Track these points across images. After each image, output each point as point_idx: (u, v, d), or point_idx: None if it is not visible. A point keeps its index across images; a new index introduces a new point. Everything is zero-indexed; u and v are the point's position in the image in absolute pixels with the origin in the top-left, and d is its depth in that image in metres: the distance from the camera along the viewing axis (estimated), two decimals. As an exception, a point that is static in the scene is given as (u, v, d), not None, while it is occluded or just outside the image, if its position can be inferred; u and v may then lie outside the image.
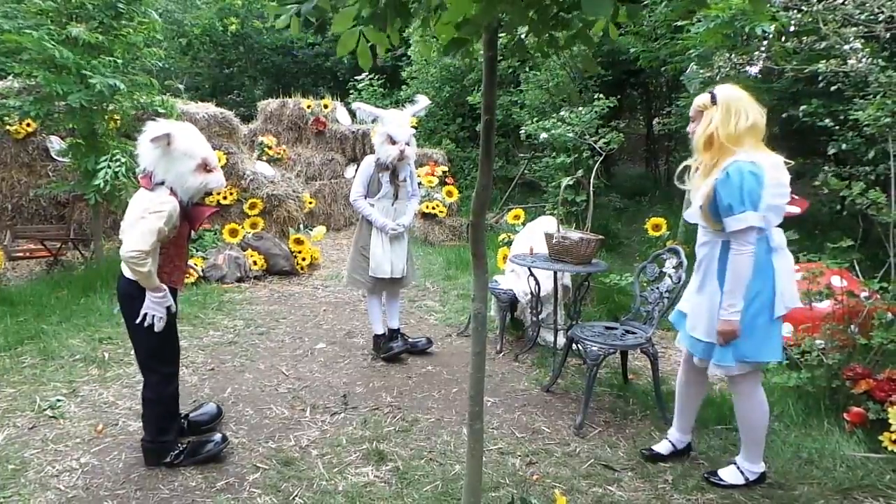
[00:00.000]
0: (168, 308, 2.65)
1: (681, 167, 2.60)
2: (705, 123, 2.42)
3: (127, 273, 2.62)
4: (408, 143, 3.90)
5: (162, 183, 2.58)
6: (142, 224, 2.49)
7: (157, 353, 2.72)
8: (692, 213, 2.54)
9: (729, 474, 2.65)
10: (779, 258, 2.45)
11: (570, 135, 6.02)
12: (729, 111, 2.37)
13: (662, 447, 2.87)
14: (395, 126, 3.86)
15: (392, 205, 4.02)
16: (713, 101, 2.42)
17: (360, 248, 4.06)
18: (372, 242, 3.99)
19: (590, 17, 1.41)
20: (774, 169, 2.38)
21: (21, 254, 6.08)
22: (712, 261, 2.51)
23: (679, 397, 2.87)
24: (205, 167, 2.63)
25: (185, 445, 2.77)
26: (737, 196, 2.30)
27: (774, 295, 2.42)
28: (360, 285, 4.14)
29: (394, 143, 3.85)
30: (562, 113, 6.40)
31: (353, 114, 10.77)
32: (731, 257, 2.38)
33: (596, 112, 6.10)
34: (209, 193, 2.76)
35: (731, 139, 2.36)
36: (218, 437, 2.84)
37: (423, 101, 4.19)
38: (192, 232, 2.91)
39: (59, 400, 3.34)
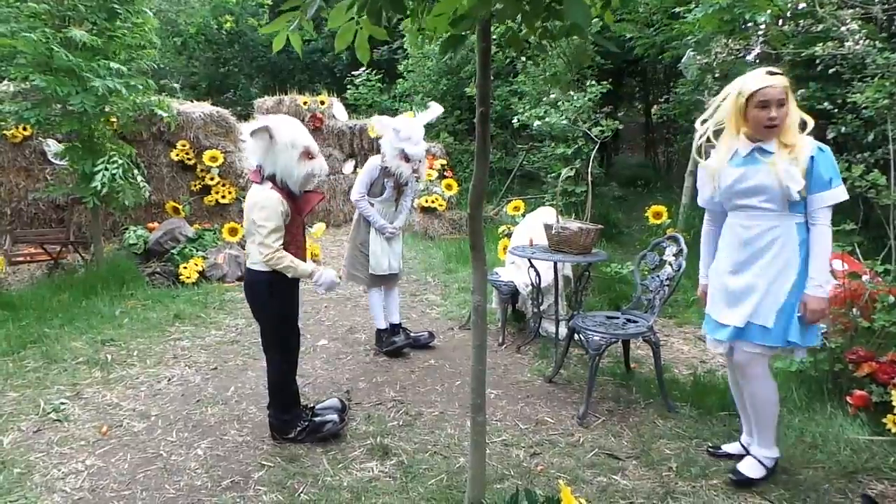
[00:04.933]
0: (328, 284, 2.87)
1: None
2: (794, 102, 2.44)
3: (252, 265, 2.82)
4: (420, 161, 3.89)
5: (272, 176, 2.72)
6: (259, 232, 2.69)
7: (280, 340, 2.90)
8: (777, 195, 2.39)
9: (749, 468, 2.59)
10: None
11: (564, 122, 5.99)
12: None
13: (733, 448, 2.78)
14: (411, 144, 3.78)
15: (394, 209, 4.07)
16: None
17: (358, 245, 4.07)
18: (371, 241, 4.01)
19: (573, 19, 1.41)
20: None
21: (21, 258, 6.09)
22: (786, 245, 2.41)
23: (736, 400, 2.78)
24: (307, 155, 2.75)
25: (306, 423, 2.91)
26: (835, 171, 2.38)
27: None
28: (360, 281, 4.15)
29: (408, 160, 3.83)
30: (552, 96, 6.34)
31: (350, 107, 10.76)
32: (818, 232, 2.38)
33: (590, 99, 6.06)
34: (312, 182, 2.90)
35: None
36: (335, 416, 2.98)
37: (435, 110, 4.05)
38: (304, 221, 3.01)
39: (62, 403, 3.35)
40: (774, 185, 2.38)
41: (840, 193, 2.37)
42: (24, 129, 6.68)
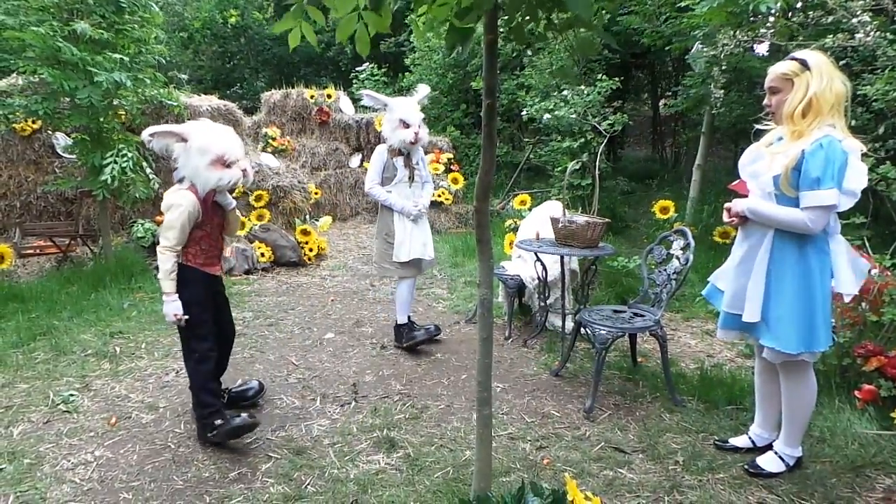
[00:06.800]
0: (192, 306, 2.82)
1: (771, 135, 2.46)
2: (802, 89, 2.28)
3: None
4: (419, 126, 3.92)
5: (182, 179, 2.77)
6: (164, 224, 2.74)
7: (192, 334, 2.86)
8: (759, 183, 2.39)
9: (769, 462, 2.59)
10: (834, 241, 2.37)
11: (573, 116, 5.97)
12: (824, 75, 2.27)
13: (740, 441, 2.77)
14: (406, 110, 3.88)
15: (409, 188, 4.02)
16: (805, 66, 2.29)
17: (384, 237, 4.04)
18: (395, 228, 3.97)
19: (573, 10, 1.41)
20: (857, 154, 2.28)
21: (31, 251, 6.12)
22: (763, 239, 2.39)
23: (756, 391, 2.76)
24: (222, 162, 2.72)
25: (220, 422, 2.83)
26: (827, 170, 2.19)
27: (832, 277, 2.34)
28: (392, 273, 4.11)
29: (407, 126, 3.87)
30: (564, 93, 6.34)
31: (356, 101, 10.74)
32: (801, 216, 2.25)
33: (599, 93, 6.04)
34: (233, 189, 2.91)
35: (828, 103, 2.25)
36: (244, 414, 2.91)
37: (423, 90, 4.19)
38: (223, 222, 3.00)
39: (72, 394, 3.37)
40: (771, 169, 2.34)
41: (825, 197, 2.19)
42: (34, 122, 6.71)
